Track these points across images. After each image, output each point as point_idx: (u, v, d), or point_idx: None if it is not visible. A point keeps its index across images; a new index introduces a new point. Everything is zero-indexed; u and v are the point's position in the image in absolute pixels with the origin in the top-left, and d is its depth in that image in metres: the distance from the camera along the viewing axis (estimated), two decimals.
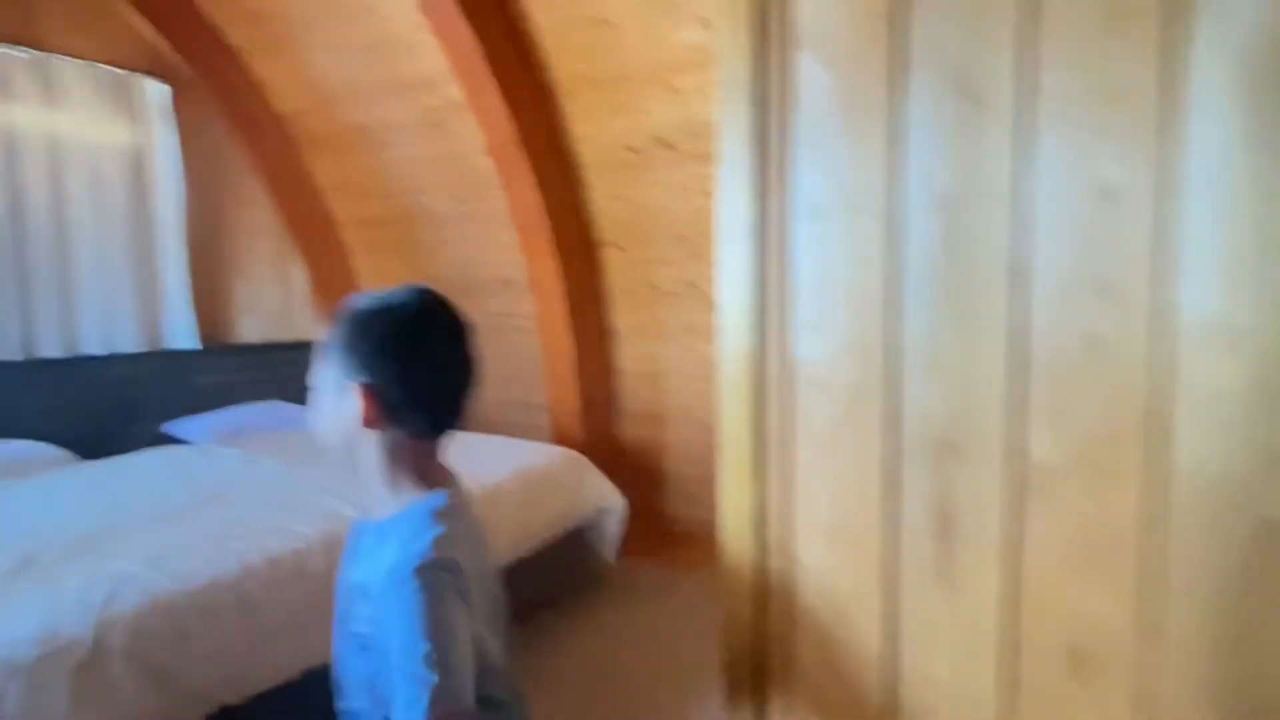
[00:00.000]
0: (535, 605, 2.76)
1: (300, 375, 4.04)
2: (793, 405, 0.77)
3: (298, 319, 4.30)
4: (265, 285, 4.15)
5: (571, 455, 3.04)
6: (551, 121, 3.15)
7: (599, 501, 2.98)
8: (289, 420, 3.69)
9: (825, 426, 0.74)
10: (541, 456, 2.93)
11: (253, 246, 4.08)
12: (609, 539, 3.05)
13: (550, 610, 2.76)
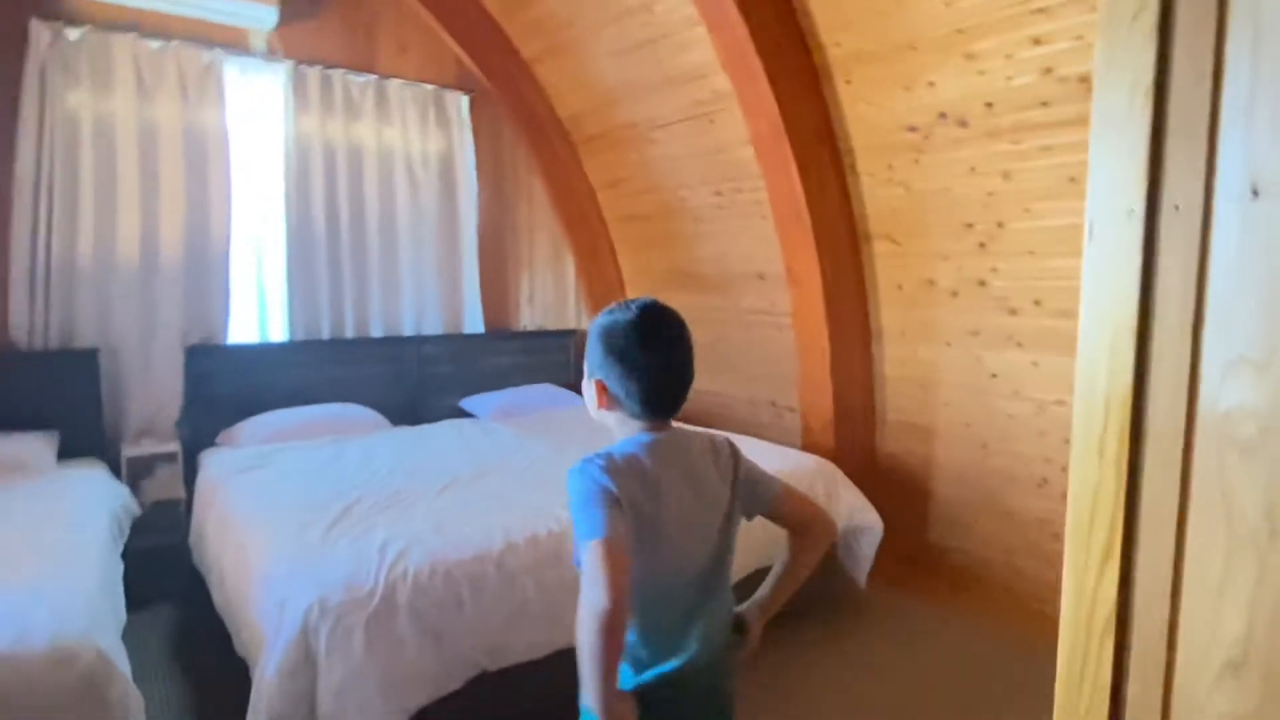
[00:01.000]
0: (777, 621, 2.60)
1: (567, 361, 4.39)
2: (1194, 475, 0.52)
3: (568, 309, 4.63)
4: (542, 278, 4.52)
5: (822, 464, 2.82)
6: (820, 105, 2.93)
7: (851, 518, 2.72)
8: (557, 401, 3.98)
9: (1257, 512, 0.48)
10: (789, 462, 2.75)
11: (533, 242, 4.46)
12: (860, 561, 2.78)
13: (786, 628, 2.58)
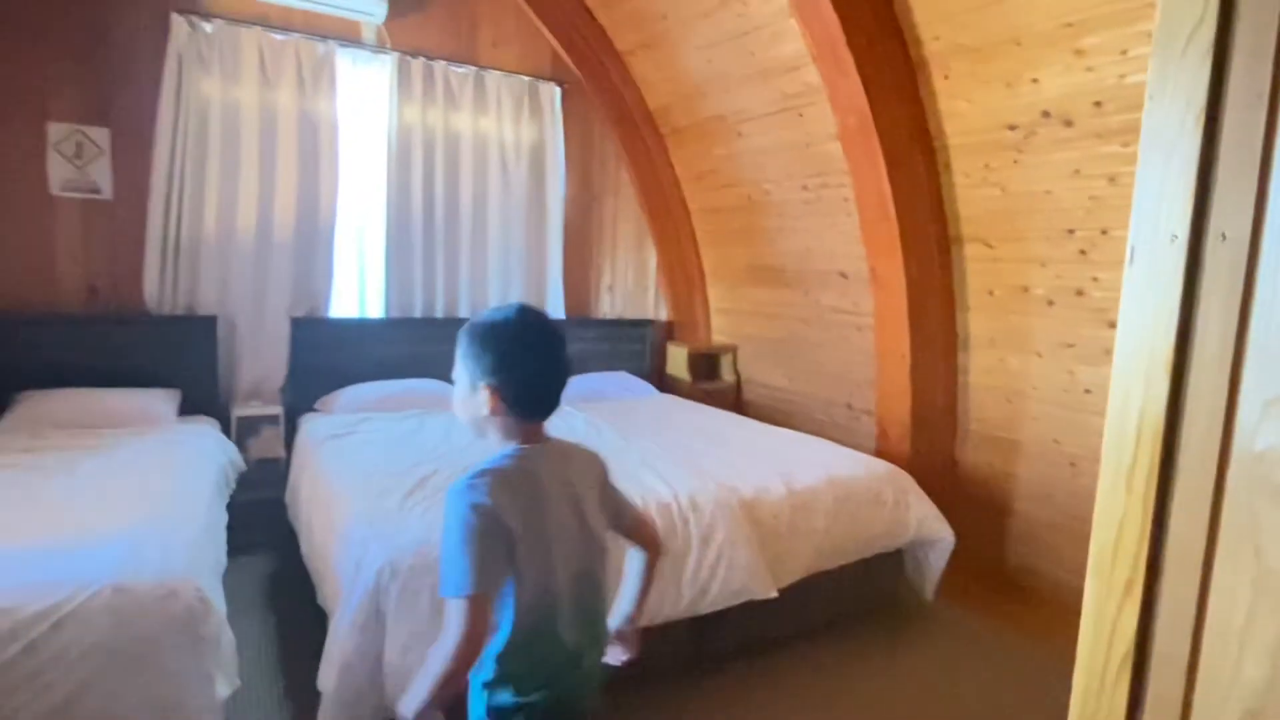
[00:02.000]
0: (832, 626, 2.57)
1: (644, 351, 4.44)
2: (1224, 516, 0.48)
3: (648, 299, 4.68)
4: (624, 268, 4.58)
5: (895, 472, 2.74)
6: (914, 101, 2.83)
7: (921, 529, 2.64)
8: (631, 390, 4.04)
9: None
10: (860, 467, 2.69)
11: (617, 232, 4.53)
12: (929, 574, 2.69)
13: (848, 636, 2.54)
